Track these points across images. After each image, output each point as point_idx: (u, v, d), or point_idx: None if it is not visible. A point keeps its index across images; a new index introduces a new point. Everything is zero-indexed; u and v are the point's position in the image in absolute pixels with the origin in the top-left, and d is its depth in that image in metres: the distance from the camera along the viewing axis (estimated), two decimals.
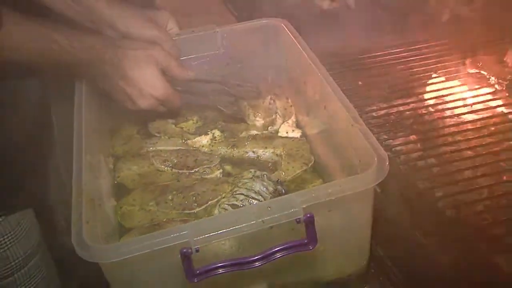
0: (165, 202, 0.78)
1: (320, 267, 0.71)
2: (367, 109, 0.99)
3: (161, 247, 0.57)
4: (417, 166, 0.84)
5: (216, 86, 0.90)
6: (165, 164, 0.86)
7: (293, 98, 0.96)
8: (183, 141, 0.92)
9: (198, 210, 0.76)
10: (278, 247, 0.59)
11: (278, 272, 0.67)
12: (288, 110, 0.94)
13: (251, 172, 0.81)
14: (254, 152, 0.89)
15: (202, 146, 0.91)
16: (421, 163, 0.85)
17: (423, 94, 1.03)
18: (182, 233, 0.57)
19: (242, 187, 0.77)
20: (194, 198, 0.78)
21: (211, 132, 0.93)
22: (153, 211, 0.78)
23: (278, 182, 0.79)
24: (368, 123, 0.83)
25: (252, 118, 0.93)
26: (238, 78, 0.90)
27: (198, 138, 0.92)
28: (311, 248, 0.60)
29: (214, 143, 0.92)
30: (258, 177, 0.79)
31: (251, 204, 0.73)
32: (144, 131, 0.96)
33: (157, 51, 0.75)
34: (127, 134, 0.96)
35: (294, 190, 0.79)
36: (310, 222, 0.59)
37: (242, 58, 0.97)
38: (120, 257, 0.57)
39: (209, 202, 0.77)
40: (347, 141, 0.72)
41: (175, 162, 0.87)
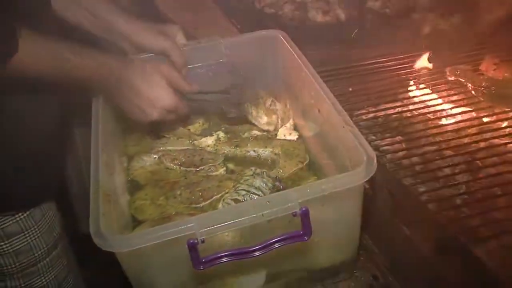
0: (174, 197, 0.78)
1: (314, 256, 0.71)
2: (357, 112, 0.98)
3: (170, 238, 0.57)
4: (402, 164, 0.84)
5: (218, 96, 0.89)
6: (174, 162, 0.86)
7: (289, 102, 0.96)
8: (190, 141, 0.92)
9: (204, 204, 0.76)
10: (276, 238, 0.59)
11: (276, 260, 0.67)
12: (286, 114, 0.93)
13: (252, 169, 0.81)
14: (255, 151, 0.88)
15: (208, 146, 0.91)
16: (405, 162, 0.84)
17: (408, 99, 1.03)
18: (189, 225, 0.57)
19: (244, 183, 0.76)
20: (200, 193, 0.77)
21: (216, 133, 0.92)
22: (163, 205, 0.78)
23: (277, 178, 0.79)
24: (358, 125, 0.82)
25: (254, 115, 0.91)
26: (241, 88, 0.90)
27: (204, 139, 0.92)
28: (306, 239, 0.60)
29: (219, 143, 0.91)
30: (258, 174, 0.79)
31: (252, 199, 0.73)
32: (154, 133, 0.95)
33: (164, 66, 0.75)
34: (139, 135, 0.95)
35: (291, 186, 0.79)
36: (305, 215, 0.59)
37: (243, 66, 0.96)
38: (133, 246, 0.57)
39: (214, 197, 0.77)
40: (339, 141, 0.72)
41: (183, 160, 0.86)
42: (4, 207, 0.77)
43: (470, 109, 0.97)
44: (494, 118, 0.94)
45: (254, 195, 0.74)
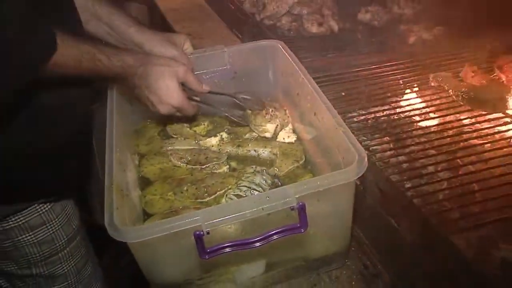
0: (181, 192, 0.77)
1: (310, 247, 0.71)
2: (349, 115, 0.98)
3: (178, 230, 0.56)
4: (390, 162, 0.83)
5: (227, 98, 0.89)
6: (181, 160, 0.85)
7: (287, 106, 0.95)
8: (196, 141, 0.91)
9: (208, 199, 0.76)
10: (275, 230, 0.59)
11: (275, 251, 0.67)
12: (285, 121, 0.91)
13: (253, 167, 0.80)
14: (255, 151, 0.88)
15: (212, 146, 0.90)
16: (393, 160, 0.84)
17: (395, 103, 1.02)
18: (195, 218, 0.56)
19: (245, 180, 0.76)
20: (205, 189, 0.77)
21: (220, 134, 0.92)
22: (171, 200, 0.77)
23: (275, 176, 0.79)
24: (350, 127, 0.82)
25: (254, 124, 0.91)
26: (246, 92, 0.90)
27: (208, 139, 0.91)
28: (303, 231, 0.59)
29: (222, 143, 0.91)
30: (258, 172, 0.78)
31: (253, 194, 0.72)
32: (163, 133, 0.95)
33: (179, 67, 0.76)
34: (150, 136, 0.95)
35: (288, 183, 0.78)
36: (302, 210, 0.59)
37: (245, 73, 0.96)
38: (144, 237, 0.56)
39: (217, 193, 0.76)
40: (333, 142, 0.72)
41: (189, 159, 0.86)
42: (33, 197, 0.77)
43: (451, 112, 0.97)
44: (473, 120, 0.94)
45: (254, 191, 0.73)
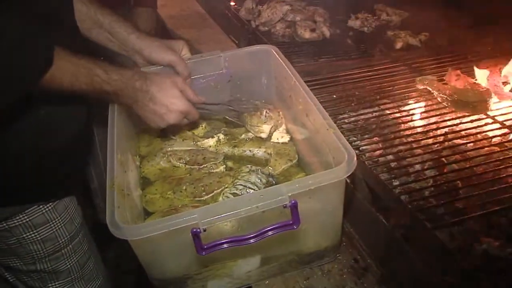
0: (180, 191, 0.77)
1: (302, 242, 0.71)
2: (340, 117, 0.98)
3: (176, 228, 0.56)
4: (378, 161, 0.84)
5: (222, 107, 0.89)
6: (180, 161, 0.85)
7: (281, 108, 0.95)
8: (194, 142, 0.91)
9: (206, 197, 0.76)
10: (269, 227, 0.59)
11: (269, 246, 0.67)
12: (279, 122, 0.91)
13: (248, 167, 0.80)
14: (250, 151, 0.88)
15: (209, 147, 0.90)
16: (381, 159, 0.84)
17: (384, 105, 1.03)
18: (192, 216, 0.56)
19: (241, 179, 0.76)
20: (203, 188, 0.77)
21: (217, 135, 0.92)
22: (170, 199, 0.77)
23: (270, 175, 0.79)
24: (340, 128, 0.82)
25: (250, 125, 0.90)
26: (239, 100, 0.90)
27: (206, 140, 0.91)
28: (296, 227, 0.59)
29: (219, 144, 0.91)
30: (253, 171, 0.78)
31: (248, 192, 0.72)
32: (163, 135, 0.94)
33: (177, 77, 0.76)
34: (150, 137, 0.94)
35: (282, 181, 0.78)
36: (294, 207, 0.59)
37: (240, 76, 0.96)
38: (144, 235, 0.56)
39: (215, 191, 0.76)
40: (324, 142, 0.72)
41: (188, 159, 0.86)
42: (33, 199, 0.77)
43: (436, 113, 0.97)
44: (457, 121, 0.94)
45: (250, 190, 0.73)
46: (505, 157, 0.82)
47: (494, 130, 0.91)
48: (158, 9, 1.50)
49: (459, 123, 0.94)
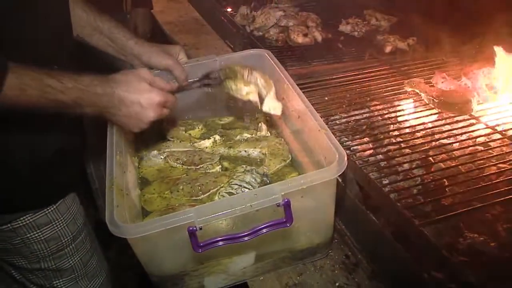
0: (177, 191, 0.77)
1: (295, 239, 0.71)
2: (331, 118, 0.98)
3: (173, 226, 0.56)
4: (369, 161, 0.84)
5: (202, 81, 0.78)
6: (177, 161, 0.85)
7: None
8: (191, 144, 0.91)
9: (202, 197, 0.76)
10: (263, 225, 0.59)
11: (264, 243, 0.67)
12: (267, 83, 0.78)
13: (243, 167, 0.80)
14: (245, 151, 0.88)
15: (206, 148, 0.90)
16: (372, 159, 0.85)
17: (374, 107, 1.03)
18: (189, 215, 0.56)
19: (236, 179, 0.76)
20: (200, 187, 0.76)
21: (213, 136, 0.92)
22: (168, 198, 0.77)
23: (264, 174, 0.79)
24: (332, 129, 0.82)
25: (234, 89, 0.77)
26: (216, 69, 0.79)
27: (202, 141, 0.91)
28: (289, 225, 0.60)
29: (215, 145, 0.90)
30: (248, 171, 0.78)
31: (244, 192, 0.72)
32: (161, 137, 0.94)
33: (141, 71, 0.67)
34: (148, 139, 0.94)
35: (276, 180, 0.78)
36: (287, 206, 0.59)
37: None
38: (142, 233, 0.56)
39: (211, 191, 0.76)
40: (316, 142, 0.72)
41: (185, 160, 0.85)
42: (33, 205, 0.76)
43: (424, 114, 0.98)
44: (443, 122, 0.95)
45: (245, 189, 0.73)
46: (488, 156, 0.82)
47: (478, 130, 0.92)
48: (156, 15, 1.49)
49: (445, 124, 0.95)
